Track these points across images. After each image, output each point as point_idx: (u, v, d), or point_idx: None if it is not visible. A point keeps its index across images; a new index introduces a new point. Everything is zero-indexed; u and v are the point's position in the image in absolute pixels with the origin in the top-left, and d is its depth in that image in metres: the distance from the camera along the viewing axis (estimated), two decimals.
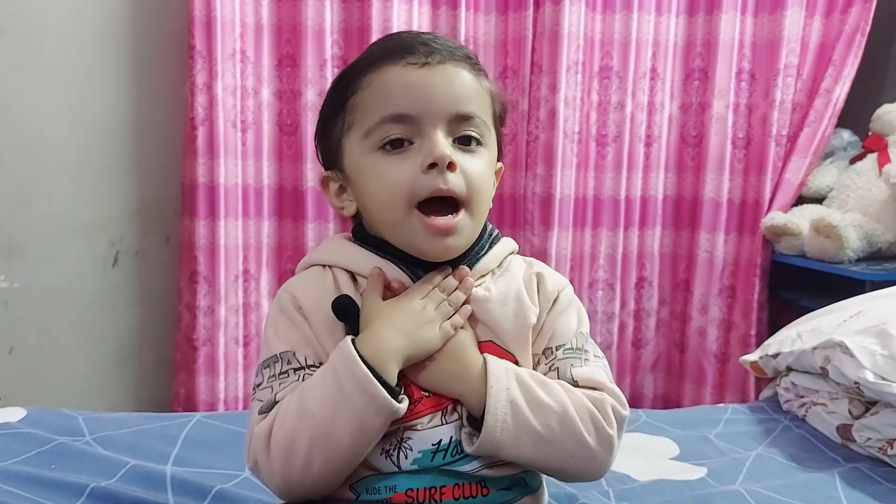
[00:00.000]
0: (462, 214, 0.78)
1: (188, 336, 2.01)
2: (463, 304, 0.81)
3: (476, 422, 0.75)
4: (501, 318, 0.81)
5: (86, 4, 1.92)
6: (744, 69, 2.24)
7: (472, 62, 0.83)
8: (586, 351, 0.83)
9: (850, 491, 1.14)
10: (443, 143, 0.77)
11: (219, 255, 1.99)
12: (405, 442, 0.77)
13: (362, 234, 0.85)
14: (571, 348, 0.82)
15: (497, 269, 0.85)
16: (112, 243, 2.02)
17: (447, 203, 0.78)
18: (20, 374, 1.93)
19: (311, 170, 2.05)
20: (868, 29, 2.19)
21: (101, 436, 1.19)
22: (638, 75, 2.21)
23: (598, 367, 0.82)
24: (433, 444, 0.77)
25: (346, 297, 0.80)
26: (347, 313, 0.79)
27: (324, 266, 0.84)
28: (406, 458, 0.77)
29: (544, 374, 0.80)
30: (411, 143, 0.78)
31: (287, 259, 2.11)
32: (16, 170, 1.89)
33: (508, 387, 0.75)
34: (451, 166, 0.77)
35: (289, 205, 2.09)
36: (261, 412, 0.77)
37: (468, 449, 0.76)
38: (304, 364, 0.78)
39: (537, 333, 0.83)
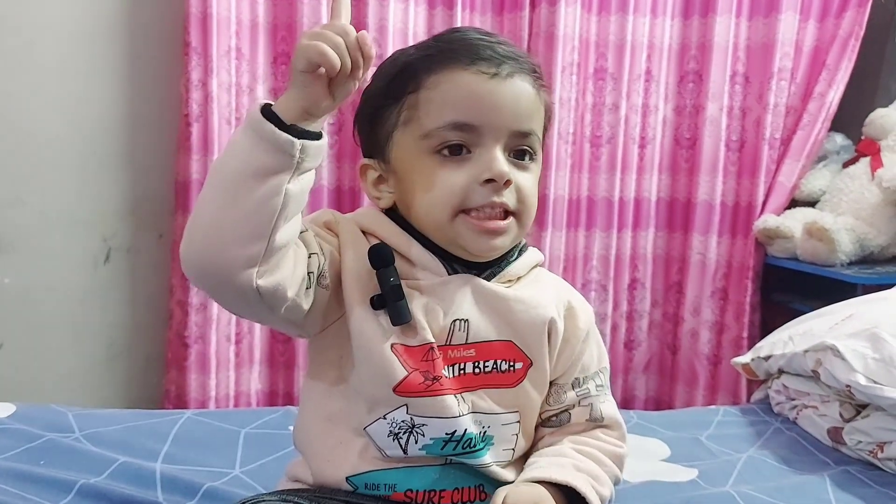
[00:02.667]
0: (511, 219, 0.79)
1: (180, 333, 2.00)
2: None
3: None
4: (526, 322, 0.82)
5: (81, 0, 1.91)
6: (738, 72, 2.25)
7: (536, 75, 0.83)
8: (607, 386, 0.90)
9: (840, 494, 1.14)
10: (501, 160, 0.77)
11: None
12: (418, 427, 0.77)
13: (396, 217, 0.84)
14: (602, 385, 0.89)
15: (525, 276, 0.87)
16: (104, 240, 2.01)
17: (496, 210, 0.78)
18: (10, 370, 1.92)
19: None
20: (862, 33, 2.19)
21: (91, 432, 1.18)
22: (633, 77, 2.21)
23: (615, 405, 0.90)
24: (447, 434, 0.78)
25: (384, 245, 0.80)
26: (383, 262, 0.78)
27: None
28: (416, 442, 0.78)
29: (575, 406, 0.87)
30: (469, 151, 0.78)
31: None
32: (8, 166, 1.88)
33: None
34: (507, 183, 0.77)
35: None
36: None
37: None
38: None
39: (568, 364, 0.87)
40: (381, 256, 0.78)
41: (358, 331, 0.77)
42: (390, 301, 0.76)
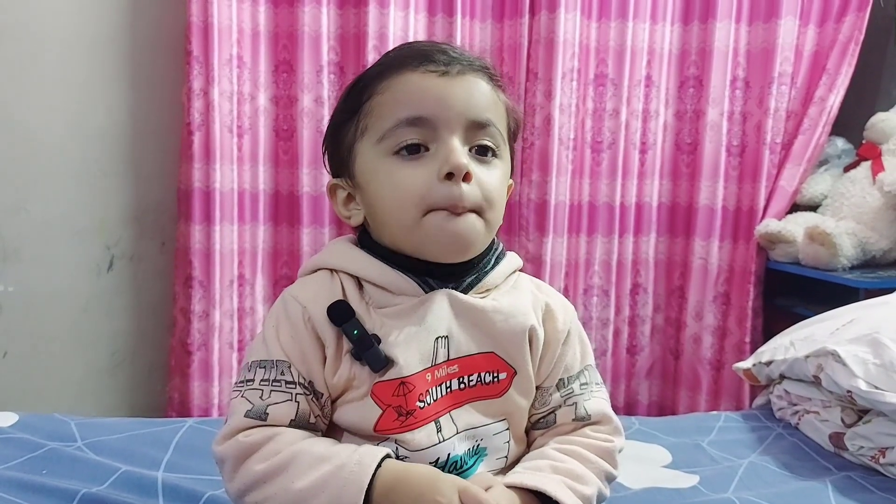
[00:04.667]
0: (476, 216, 0.78)
1: (183, 341, 2.01)
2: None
3: None
4: (506, 331, 0.81)
5: (83, 10, 1.93)
6: (738, 77, 2.25)
7: (490, 73, 0.83)
8: (596, 384, 0.89)
9: (842, 499, 1.14)
10: (460, 151, 0.76)
11: (214, 260, 1.99)
12: (402, 459, 0.77)
13: (368, 241, 0.84)
14: (587, 383, 0.88)
15: (503, 283, 0.85)
16: (107, 248, 2.02)
17: (458, 208, 0.77)
18: (14, 378, 1.93)
19: (307, 175, 2.05)
20: (862, 38, 2.20)
21: (93, 441, 1.19)
22: (633, 83, 2.22)
23: (603, 400, 0.88)
24: (430, 463, 0.77)
25: (342, 302, 0.79)
26: (342, 318, 0.78)
27: (331, 271, 0.83)
28: None
29: (560, 406, 0.85)
30: (427, 149, 0.77)
31: (282, 264, 2.11)
32: (12, 174, 1.89)
33: None
34: (467, 177, 0.76)
35: (284, 210, 2.09)
36: (247, 415, 0.76)
37: None
38: (296, 380, 0.78)
39: (551, 367, 0.85)
40: (339, 313, 0.78)
41: (346, 379, 0.78)
42: (362, 351, 0.77)
